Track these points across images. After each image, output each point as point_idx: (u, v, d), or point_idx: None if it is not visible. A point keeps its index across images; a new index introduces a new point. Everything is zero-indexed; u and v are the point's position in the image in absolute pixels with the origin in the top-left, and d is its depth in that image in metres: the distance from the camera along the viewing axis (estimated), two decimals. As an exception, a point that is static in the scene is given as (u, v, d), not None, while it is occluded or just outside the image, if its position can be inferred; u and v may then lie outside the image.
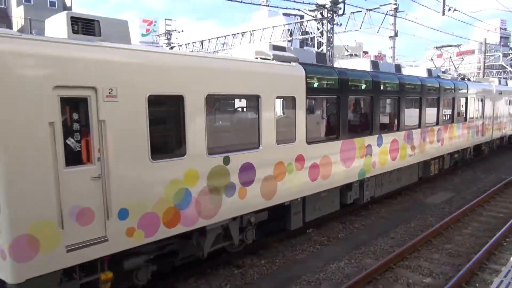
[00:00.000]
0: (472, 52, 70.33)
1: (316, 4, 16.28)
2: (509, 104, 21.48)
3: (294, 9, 23.09)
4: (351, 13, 19.51)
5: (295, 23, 32.67)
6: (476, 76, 50.67)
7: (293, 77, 7.83)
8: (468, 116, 16.11)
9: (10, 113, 4.32)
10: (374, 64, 11.37)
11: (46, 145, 4.57)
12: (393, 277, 7.09)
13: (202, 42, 37.48)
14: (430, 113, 13.26)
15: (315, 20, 17.11)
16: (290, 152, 7.80)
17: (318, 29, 16.75)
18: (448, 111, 14.67)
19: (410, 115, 11.97)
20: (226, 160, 6.57)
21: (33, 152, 4.49)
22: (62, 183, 4.71)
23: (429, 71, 14.56)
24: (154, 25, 75.30)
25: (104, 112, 5.03)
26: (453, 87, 14.71)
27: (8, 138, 4.33)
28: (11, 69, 4.33)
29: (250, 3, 16.99)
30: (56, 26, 5.31)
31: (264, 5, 26.09)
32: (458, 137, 15.41)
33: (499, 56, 50.50)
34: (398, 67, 12.60)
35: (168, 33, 41.80)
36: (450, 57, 23.42)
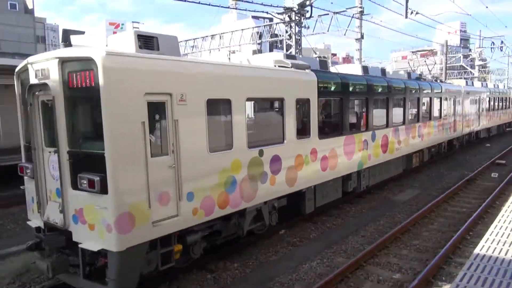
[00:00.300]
0: (435, 53, 72.94)
1: (284, 7, 16.44)
2: (475, 103, 23.56)
3: (263, 12, 23.23)
4: (319, 16, 19.83)
5: (264, 25, 32.87)
6: (439, 76, 52.63)
7: (308, 82, 9.28)
8: (442, 114, 17.84)
9: (118, 115, 5.39)
10: (365, 68, 12.76)
11: (140, 140, 5.62)
12: (363, 275, 7.23)
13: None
14: (412, 112, 14.92)
15: (284, 23, 17.27)
16: (306, 146, 9.17)
17: (286, 31, 16.92)
18: (426, 110, 16.36)
19: (396, 113, 13.52)
20: (261, 153, 7.87)
21: (131, 145, 5.55)
22: (149, 170, 5.75)
23: (409, 74, 16.33)
24: (121, 28, 73.80)
25: (177, 113, 6.14)
26: (430, 89, 16.43)
27: (115, 134, 5.37)
28: (120, 79, 5.44)
29: (219, 6, 16.96)
30: (123, 42, 6.30)
31: (233, 8, 26.10)
32: (434, 133, 17.12)
33: (460, 57, 52.66)
34: (383, 71, 14.02)
35: (136, 36, 41.10)
36: (425, 61, 25.06)
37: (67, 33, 6.49)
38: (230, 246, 8.20)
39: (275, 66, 8.94)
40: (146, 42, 6.38)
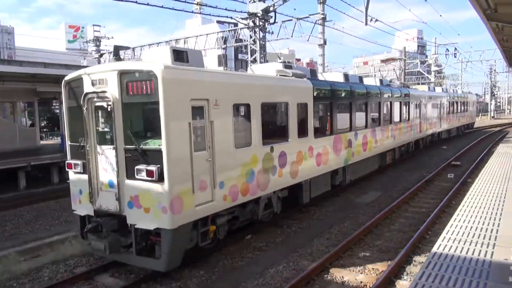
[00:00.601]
0: (394, 59, 75.74)
1: (248, 12, 16.52)
2: (437, 107, 25.80)
3: (227, 17, 23.24)
4: (282, 21, 20.10)
5: (229, 30, 32.89)
6: (399, 81, 54.68)
7: (306, 89, 10.78)
8: (410, 117, 19.83)
9: (172, 117, 6.53)
10: (346, 76, 14.54)
11: (187, 137, 6.82)
12: (328, 277, 7.33)
13: (133, 49, 36.28)
14: (386, 114, 16.84)
15: (248, 28, 17.36)
16: (305, 143, 10.64)
17: (251, 36, 17.00)
18: (397, 113, 18.23)
19: (373, 116, 15.32)
20: (272, 149, 9.25)
21: (181, 142, 6.75)
22: (193, 163, 6.95)
23: (381, 81, 18.03)
24: (82, 31, 71.61)
25: (212, 115, 7.41)
26: (399, 94, 18.48)
27: (170, 132, 6.49)
28: (174, 88, 6.62)
29: (182, 10, 16.81)
30: (160, 55, 7.59)
31: (197, 13, 25.96)
32: (404, 134, 19.12)
33: (417, 63, 54.93)
34: (361, 79, 16.00)
35: (97, 40, 39.97)
36: (394, 69, 27.47)
37: (117, 49, 8.00)
38: (198, 252, 8.10)
39: (277, 75, 10.42)
40: (179, 55, 7.63)
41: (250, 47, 17.11)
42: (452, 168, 18.47)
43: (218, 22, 67.19)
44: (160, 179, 6.58)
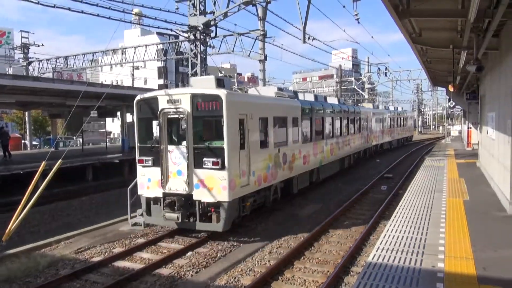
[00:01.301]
0: (331, 76, 79.43)
1: (188, 25, 16.45)
2: (380, 122, 31.07)
3: (167, 29, 22.94)
4: (223, 36, 20.28)
5: (169, 43, 32.47)
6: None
7: (296, 107, 14.56)
8: (361, 130, 24.52)
9: (230, 125, 9.80)
10: (315, 96, 18.63)
11: (237, 139, 10.20)
12: (270, 292, 7.33)
13: (66, 58, 34.42)
14: (344, 127, 20.94)
15: (189, 41, 17.26)
16: (296, 147, 14.27)
17: (191, 50, 16.91)
18: (352, 126, 22.39)
19: (336, 128, 19.48)
20: (279, 150, 12.76)
21: (234, 142, 10.01)
22: (240, 157, 10.24)
23: (339, 99, 23.30)
24: (8, 36, 66.62)
25: (249, 125, 10.71)
26: (354, 110, 23.10)
27: (229, 135, 9.78)
28: (231, 106, 9.92)
29: (120, 20, 16.35)
30: (206, 82, 10.95)
31: (136, 23, 25.33)
32: (357, 143, 23.72)
33: (353, 81, 58.04)
34: (325, 98, 20.47)
35: (25, 47, 37.43)
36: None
37: (182, 76, 12.57)
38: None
39: (275, 96, 13.82)
40: (219, 82, 10.89)
41: (191, 60, 16.99)
42: (385, 180, 19.59)
43: (158, 33, 66.17)
44: (222, 167, 9.79)
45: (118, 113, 30.12)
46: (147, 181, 10.74)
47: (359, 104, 32.40)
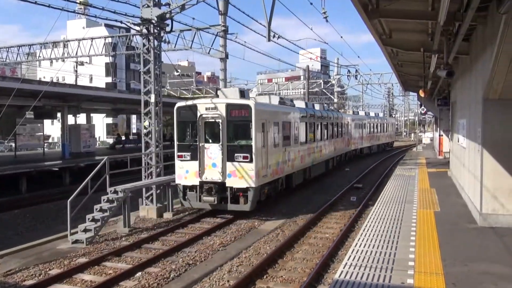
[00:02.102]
0: (299, 78, 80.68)
1: (141, 18, 16.19)
2: (359, 127, 35.25)
3: (116, 21, 22.40)
4: (180, 31, 20.11)
5: (119, 36, 31.77)
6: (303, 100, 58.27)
7: (297, 113, 18.93)
8: (343, 134, 28.92)
9: (257, 128, 14.12)
10: (306, 104, 23.06)
11: (261, 139, 14.53)
12: (228, 315, 7.29)
13: (8, 48, 32.88)
14: (329, 131, 25.07)
15: (141, 35, 16.98)
16: (297, 148, 18.39)
17: (144, 45, 16.64)
18: (335, 130, 26.71)
19: (324, 133, 23.62)
20: (285, 149, 16.83)
21: (259, 141, 14.31)
22: (262, 153, 14.48)
23: (323, 106, 27.48)
24: None
25: (267, 128, 14.94)
26: (337, 116, 27.93)
27: (255, 136, 14.02)
28: (258, 114, 14.25)
29: (62, 9, 15.80)
30: (232, 93, 15.62)
31: (81, 13, 24.65)
32: (340, 147, 28.27)
33: (321, 83, 59.23)
34: (313, 105, 24.99)
35: None
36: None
37: (216, 90, 16.46)
38: None
39: (278, 104, 17.84)
40: (242, 94, 15.46)
41: (143, 57, 16.73)
42: (355, 191, 20.10)
43: (106, 25, 64.71)
44: (250, 160, 13.80)
45: (59, 115, 29.11)
46: (185, 172, 14.59)
47: (340, 110, 38.53)
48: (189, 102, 15.14)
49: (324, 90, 58.37)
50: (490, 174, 9.55)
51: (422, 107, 27.40)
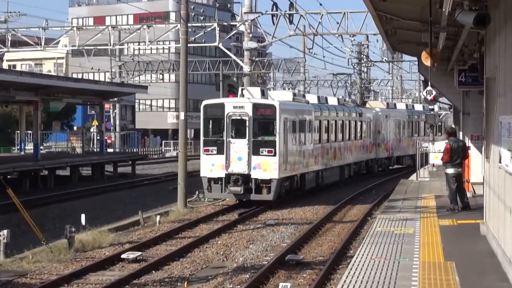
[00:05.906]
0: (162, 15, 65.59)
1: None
2: (395, 126, 32.08)
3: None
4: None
5: None
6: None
7: (311, 110, 21.49)
8: (362, 136, 27.60)
9: (280, 125, 18.05)
10: (318, 98, 24.74)
11: (283, 135, 18.32)
12: None
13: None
14: (347, 132, 25.70)
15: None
16: (311, 147, 20.86)
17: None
18: (354, 130, 26.52)
19: (339, 133, 24.55)
20: (301, 148, 20.16)
21: (282, 137, 18.12)
22: (283, 148, 18.24)
23: (338, 100, 27.85)
24: None
25: (287, 125, 18.87)
26: (355, 112, 27.35)
27: (279, 132, 17.93)
28: (281, 112, 18.27)
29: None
30: (254, 92, 19.40)
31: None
32: (359, 152, 27.50)
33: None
34: (326, 99, 25.70)
35: None
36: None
37: (242, 91, 20.15)
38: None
39: (292, 100, 20.72)
40: (263, 93, 19.42)
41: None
42: (288, 273, 9.73)
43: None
44: (274, 154, 17.17)
45: None
46: (211, 165, 17.63)
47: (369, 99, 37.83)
48: (217, 100, 19.77)
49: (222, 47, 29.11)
50: None
51: (429, 87, 12.80)
